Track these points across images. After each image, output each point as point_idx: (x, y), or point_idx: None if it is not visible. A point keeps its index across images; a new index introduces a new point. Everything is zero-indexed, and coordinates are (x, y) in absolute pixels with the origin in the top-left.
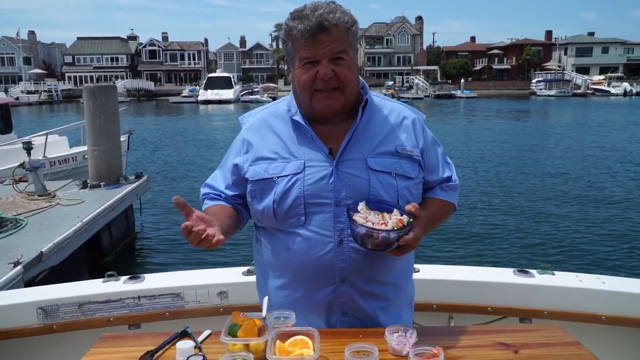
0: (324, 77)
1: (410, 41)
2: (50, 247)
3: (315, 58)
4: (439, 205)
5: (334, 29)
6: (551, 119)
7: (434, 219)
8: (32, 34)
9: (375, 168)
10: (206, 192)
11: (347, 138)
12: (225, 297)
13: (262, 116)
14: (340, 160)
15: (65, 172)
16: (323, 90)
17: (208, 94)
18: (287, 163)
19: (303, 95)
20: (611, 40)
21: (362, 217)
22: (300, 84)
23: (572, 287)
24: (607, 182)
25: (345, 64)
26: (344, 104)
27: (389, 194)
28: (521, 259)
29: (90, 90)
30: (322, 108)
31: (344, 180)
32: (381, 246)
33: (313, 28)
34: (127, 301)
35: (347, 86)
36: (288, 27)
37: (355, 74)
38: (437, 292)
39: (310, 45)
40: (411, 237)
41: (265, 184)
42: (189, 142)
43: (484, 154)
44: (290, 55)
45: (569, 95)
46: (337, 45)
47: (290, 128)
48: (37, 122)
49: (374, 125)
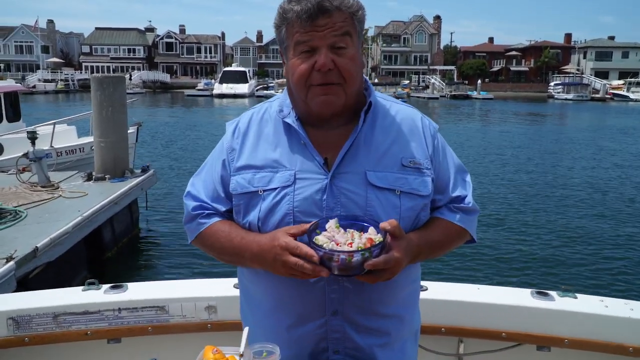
0: (322, 68)
1: (428, 40)
2: (47, 242)
3: (312, 43)
4: (442, 228)
5: (336, 12)
6: (571, 124)
7: (431, 243)
8: (51, 23)
9: (376, 184)
10: (196, 207)
11: (346, 147)
12: (214, 312)
13: (249, 118)
14: (337, 172)
15: (71, 163)
16: (321, 85)
17: (223, 87)
18: (274, 173)
19: (297, 90)
20: (632, 44)
21: (327, 237)
22: (294, 76)
23: (597, 313)
24: (637, 195)
25: (348, 54)
26: (344, 103)
27: (388, 216)
28: (539, 278)
29: (98, 80)
30: (319, 106)
31: (339, 196)
32: (344, 271)
33: (311, 9)
34: (106, 313)
35: (349, 82)
36: (283, 10)
37: (359, 68)
38: (446, 313)
39: (307, 28)
40: (381, 260)
41: (249, 198)
42: (201, 136)
43: (501, 159)
44: (284, 42)
45: (587, 99)
46: (339, 29)
47: (281, 132)
48: (52, 110)
49: (378, 132)
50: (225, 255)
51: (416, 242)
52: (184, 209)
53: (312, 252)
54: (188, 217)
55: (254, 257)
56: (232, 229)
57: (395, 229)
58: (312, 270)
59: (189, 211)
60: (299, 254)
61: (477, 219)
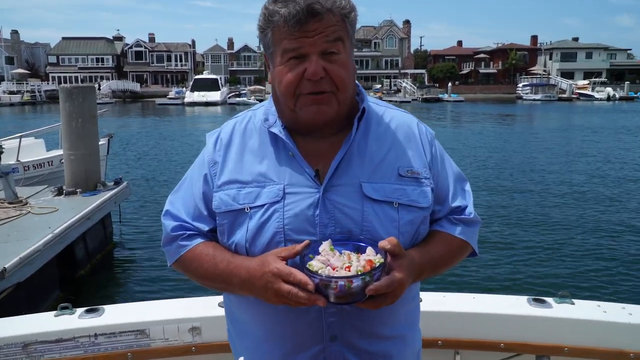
0: (313, 77)
1: (398, 44)
2: (16, 261)
3: (302, 50)
4: (444, 242)
5: (327, 15)
6: (543, 124)
7: (433, 260)
8: (15, 33)
9: (372, 196)
10: (176, 227)
11: (339, 157)
12: (198, 333)
13: (232, 128)
14: (329, 185)
15: (40, 177)
16: (311, 94)
17: (195, 95)
18: (262, 188)
19: (285, 100)
20: (595, 45)
21: (322, 262)
22: (282, 85)
23: (595, 319)
24: (629, 198)
25: (340, 60)
26: (336, 111)
27: (386, 230)
28: (534, 283)
29: (67, 91)
30: (310, 116)
31: (332, 211)
32: (343, 299)
33: (300, 12)
34: (81, 340)
35: (341, 90)
36: (268, 12)
37: (352, 74)
38: (441, 325)
39: (296, 34)
40: (383, 283)
41: (235, 217)
42: (174, 146)
43: (481, 162)
44: (270, 48)
45: (555, 99)
46: (331, 33)
47: (267, 143)
48: (18, 122)
49: (372, 140)
50: (209, 282)
51: (418, 260)
52: (163, 229)
53: (307, 279)
54: (167, 239)
55: (242, 285)
56: (216, 252)
57: (396, 248)
58: (307, 299)
59: (167, 232)
60: (292, 281)
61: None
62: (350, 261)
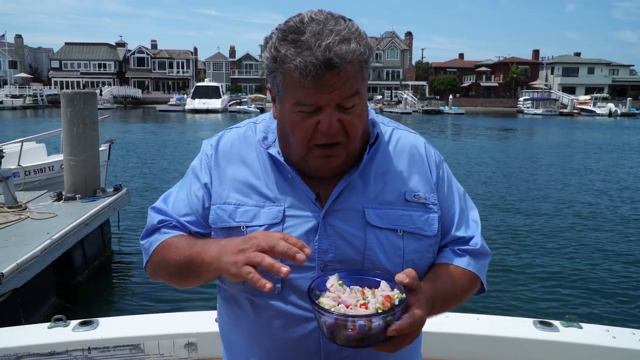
0: (328, 131)
1: (400, 56)
2: (13, 267)
3: (317, 104)
4: (452, 276)
5: (347, 67)
6: (544, 139)
7: (445, 294)
8: (19, 38)
9: (376, 224)
10: (163, 220)
11: (344, 183)
12: (194, 349)
13: (231, 138)
14: (331, 210)
15: (40, 182)
16: (323, 146)
17: (195, 103)
18: (260, 208)
19: (297, 148)
20: (597, 60)
21: (332, 299)
22: (295, 134)
23: (604, 345)
24: (638, 218)
25: (355, 112)
26: (344, 161)
27: (390, 260)
28: (541, 305)
29: (68, 96)
30: (319, 166)
31: (332, 237)
32: (361, 341)
33: (318, 67)
34: (75, 354)
35: (352, 139)
36: (279, 56)
37: (365, 119)
38: (444, 347)
39: (311, 90)
40: (406, 322)
41: (230, 234)
42: (175, 153)
43: (483, 177)
44: (280, 91)
45: (556, 114)
46: (348, 89)
47: (266, 160)
48: (20, 126)
49: (378, 163)
50: (180, 266)
51: (430, 294)
52: (148, 221)
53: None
54: (149, 230)
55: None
56: (194, 239)
57: (414, 282)
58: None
59: (153, 223)
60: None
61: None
62: (365, 297)
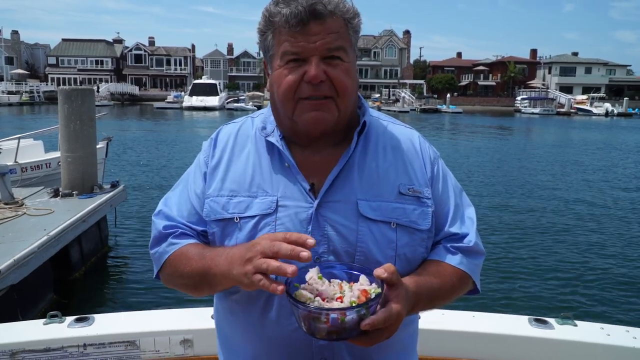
0: (313, 80)
1: (398, 54)
2: (10, 263)
3: (302, 54)
4: (441, 272)
5: (330, 18)
6: (541, 138)
7: (430, 291)
8: (16, 34)
9: (368, 215)
10: (169, 226)
11: (336, 171)
12: (190, 346)
13: (228, 132)
14: (324, 201)
15: (38, 179)
16: (311, 98)
17: (193, 100)
18: (253, 199)
19: (283, 105)
20: (594, 60)
21: (309, 291)
22: (280, 88)
23: (598, 342)
24: (634, 217)
25: (342, 66)
26: (336, 120)
27: (383, 253)
28: (536, 303)
29: (66, 93)
30: (308, 122)
31: (325, 229)
32: (335, 334)
33: (303, 12)
34: (70, 350)
35: (342, 96)
36: (269, 13)
37: (354, 82)
38: (439, 345)
39: (297, 36)
40: (380, 317)
41: (224, 226)
42: (173, 150)
43: (479, 175)
44: (270, 50)
45: (553, 113)
46: (333, 40)
47: (263, 151)
48: (16, 122)
49: (372, 155)
50: (192, 280)
51: (413, 290)
52: (153, 229)
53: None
54: (157, 238)
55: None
56: (206, 248)
57: (393, 276)
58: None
59: (159, 230)
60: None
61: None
62: (342, 291)
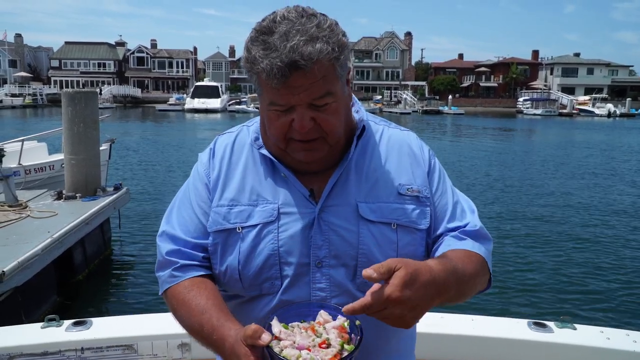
0: (301, 130)
1: (399, 56)
2: (14, 265)
3: (288, 105)
4: (461, 256)
5: (314, 67)
6: (544, 140)
7: (456, 273)
8: (19, 37)
9: (369, 217)
10: (172, 252)
11: (336, 176)
12: (188, 350)
13: (225, 142)
14: (325, 205)
15: (41, 181)
16: (301, 141)
17: (195, 102)
18: (254, 207)
19: (275, 141)
20: (596, 61)
21: (290, 346)
22: (271, 130)
23: (598, 346)
24: (636, 220)
25: (329, 109)
26: (328, 152)
27: (384, 254)
28: (535, 306)
29: (69, 95)
30: (302, 159)
31: (326, 232)
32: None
33: (283, 70)
34: (68, 354)
35: (330, 135)
36: (250, 58)
37: (343, 116)
38: (438, 348)
39: (280, 90)
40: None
41: (226, 237)
42: (175, 153)
43: (481, 177)
44: (257, 89)
45: (555, 114)
46: (318, 89)
47: (259, 161)
48: (20, 125)
49: (370, 158)
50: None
51: (439, 269)
52: (157, 252)
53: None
54: (160, 263)
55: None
56: (208, 303)
57: (382, 268)
58: None
59: (162, 255)
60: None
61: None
62: (319, 334)
